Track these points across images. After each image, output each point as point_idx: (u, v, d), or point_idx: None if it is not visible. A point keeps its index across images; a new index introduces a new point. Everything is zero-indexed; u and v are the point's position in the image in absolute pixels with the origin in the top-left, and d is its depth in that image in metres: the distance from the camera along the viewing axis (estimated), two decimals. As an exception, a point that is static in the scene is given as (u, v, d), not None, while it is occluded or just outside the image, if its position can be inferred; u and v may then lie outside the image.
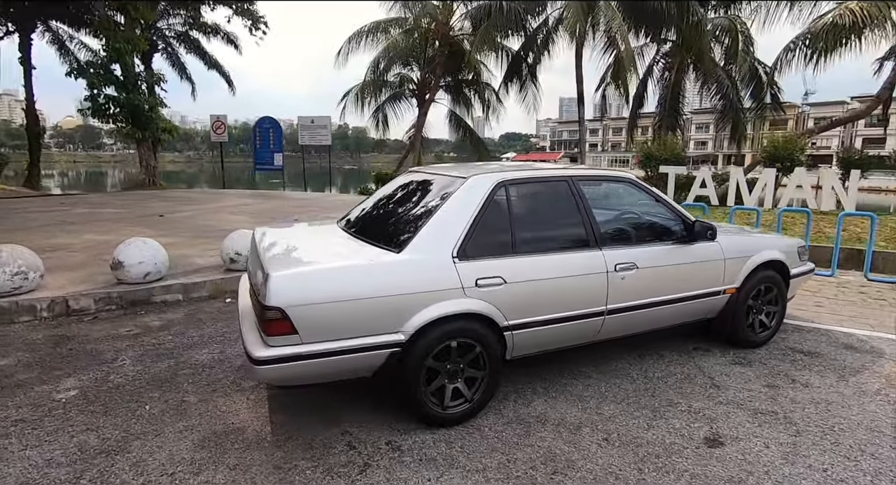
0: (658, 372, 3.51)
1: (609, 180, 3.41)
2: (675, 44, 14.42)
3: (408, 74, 18.37)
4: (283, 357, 2.35)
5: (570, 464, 2.48)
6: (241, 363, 3.52)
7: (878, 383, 3.36)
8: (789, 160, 9.41)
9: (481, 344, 2.74)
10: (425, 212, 2.85)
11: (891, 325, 4.51)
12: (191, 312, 4.73)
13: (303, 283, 2.42)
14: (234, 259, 5.42)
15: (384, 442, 2.65)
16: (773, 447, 2.63)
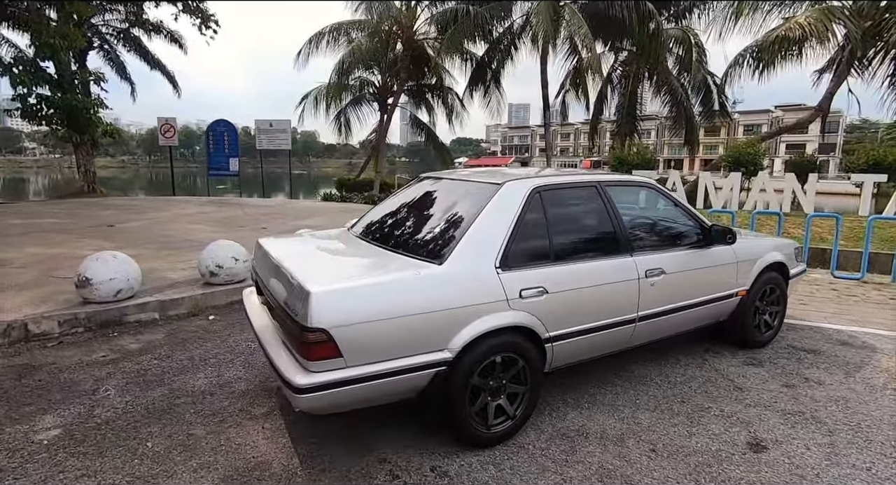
0: (679, 377, 3.51)
1: (631, 185, 3.38)
2: (632, 53, 15.00)
3: (368, 78, 18.07)
4: (328, 384, 2.13)
5: (626, 480, 2.39)
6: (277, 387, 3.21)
7: (881, 377, 3.52)
8: (752, 164, 9.98)
9: (524, 358, 2.62)
10: (461, 220, 2.69)
11: (871, 320, 4.77)
12: (171, 332, 4.32)
13: (347, 300, 2.20)
14: (215, 272, 5.02)
15: (428, 468, 2.47)
16: (814, 449, 2.66)
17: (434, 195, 3.15)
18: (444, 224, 2.76)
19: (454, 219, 2.75)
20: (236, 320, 4.60)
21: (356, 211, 12.80)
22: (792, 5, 10.78)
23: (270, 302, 2.72)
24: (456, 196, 2.98)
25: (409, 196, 3.32)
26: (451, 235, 2.61)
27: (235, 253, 5.13)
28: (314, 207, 13.66)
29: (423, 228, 2.87)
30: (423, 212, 3.06)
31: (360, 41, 13.53)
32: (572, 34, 12.18)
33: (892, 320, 4.80)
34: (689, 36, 13.35)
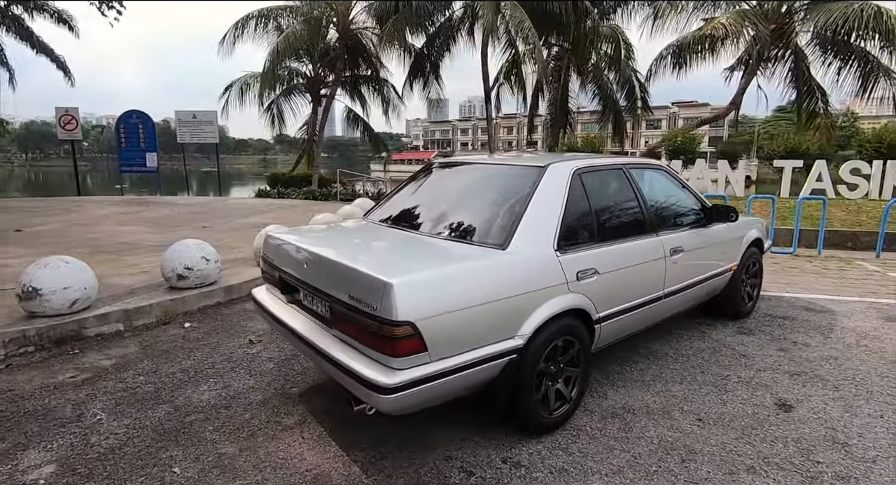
0: (688, 350, 3.70)
1: (646, 168, 3.49)
2: (563, 48, 15.60)
3: (299, 68, 17.16)
4: (415, 381, 1.96)
5: (689, 450, 2.47)
6: (346, 397, 2.92)
7: (851, 336, 3.95)
8: (690, 153, 10.82)
9: (579, 340, 2.61)
10: (511, 204, 2.61)
11: (818, 288, 5.36)
12: (145, 344, 3.81)
13: (429, 290, 2.04)
14: (183, 275, 4.50)
15: (499, 460, 2.38)
16: (831, 404, 2.92)
17: (465, 181, 3.03)
18: (493, 209, 2.67)
19: (502, 203, 2.67)
20: (218, 327, 4.17)
21: (303, 207, 12.16)
22: (711, 7, 11.79)
23: (310, 300, 2.48)
24: (494, 180, 2.89)
25: (434, 183, 3.17)
26: (505, 220, 2.52)
27: (206, 253, 4.64)
28: (253, 204, 12.80)
29: (468, 215, 2.74)
30: (461, 198, 2.93)
31: (296, 28, 12.75)
32: (512, 27, 12.39)
33: (833, 287, 5.42)
34: (617, 34, 14.16)
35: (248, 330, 4.10)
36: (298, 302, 2.66)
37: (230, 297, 4.85)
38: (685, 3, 11.53)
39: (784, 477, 2.26)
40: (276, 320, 2.67)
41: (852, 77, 11.72)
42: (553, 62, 16.23)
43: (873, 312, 4.53)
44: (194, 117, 15.25)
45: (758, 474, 2.28)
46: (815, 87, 12.48)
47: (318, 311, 2.45)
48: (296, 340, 2.51)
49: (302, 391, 3.07)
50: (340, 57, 15.03)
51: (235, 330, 4.10)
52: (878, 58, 11.17)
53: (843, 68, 11.65)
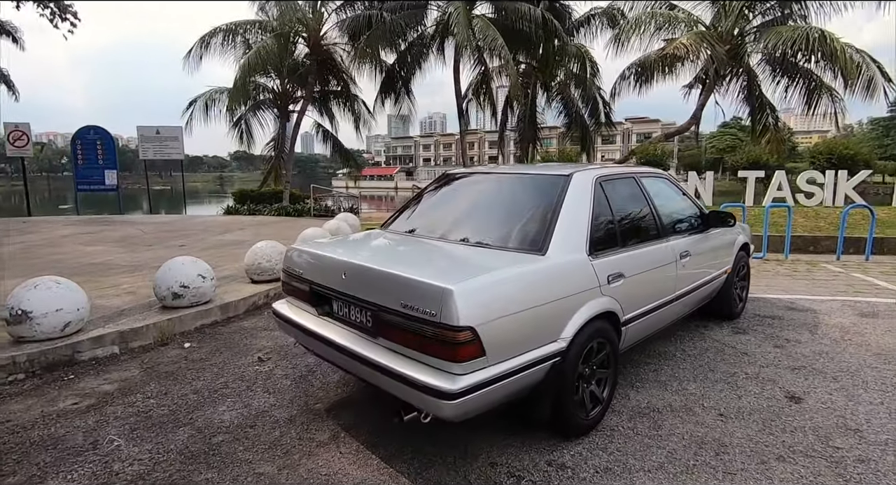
0: (693, 350, 3.86)
1: (652, 176, 3.65)
2: (531, 66, 16.11)
3: (266, 84, 16.92)
4: (477, 385, 1.98)
5: (720, 444, 2.57)
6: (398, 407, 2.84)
7: (836, 332, 4.23)
8: (659, 165, 11.33)
9: (609, 342, 2.69)
10: (541, 211, 2.69)
11: (795, 289, 5.70)
12: (146, 366, 3.63)
13: (485, 295, 2.07)
14: (179, 294, 4.33)
15: (544, 463, 2.41)
16: (836, 394, 3.11)
17: (489, 190, 3.10)
18: (525, 216, 2.74)
19: (533, 211, 2.74)
20: (220, 346, 4.03)
21: (280, 224, 11.91)
22: (672, 28, 12.51)
23: (346, 312, 2.46)
24: (520, 189, 2.97)
25: (455, 193, 3.22)
26: (539, 227, 2.60)
27: (202, 270, 4.49)
28: (224, 222, 12.41)
29: (500, 223, 2.80)
30: (489, 207, 2.99)
31: (266, 43, 12.61)
32: (484, 45, 12.71)
33: (807, 287, 5.79)
34: (583, 53, 14.77)
35: (252, 348, 3.98)
36: (331, 314, 2.62)
37: (227, 315, 4.69)
38: (648, 23, 12.17)
39: (811, 463, 2.40)
40: (309, 334, 2.62)
41: (798, 94, 12.66)
42: (522, 79, 16.69)
43: (848, 310, 4.86)
44: (157, 133, 14.73)
45: (787, 462, 2.41)
46: (766, 103, 13.38)
47: (357, 321, 2.43)
48: (333, 353, 2.48)
49: (327, 407, 3.00)
50: (311, 72, 14.94)
51: (240, 349, 3.97)
52: (821, 77, 12.12)
53: (790, 86, 12.57)
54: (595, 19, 15.75)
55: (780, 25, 11.60)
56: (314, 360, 3.69)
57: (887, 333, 4.18)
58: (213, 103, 16.46)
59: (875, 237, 7.50)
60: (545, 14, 12.79)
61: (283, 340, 4.12)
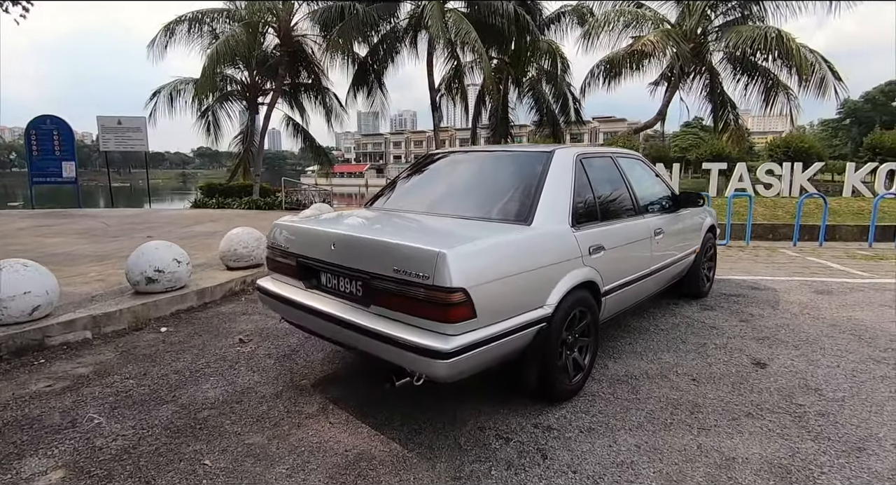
0: (665, 324, 4.03)
1: (628, 157, 3.78)
2: (503, 61, 16.29)
3: (234, 76, 16.51)
4: (468, 345, 2.04)
5: (694, 404, 2.72)
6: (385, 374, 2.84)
7: (795, 308, 4.49)
8: None
9: (591, 312, 2.79)
10: (525, 185, 2.77)
11: (756, 271, 6.01)
12: (122, 350, 3.54)
13: (477, 259, 2.13)
14: (153, 279, 4.22)
15: (531, 426, 2.49)
16: (796, 360, 3.32)
17: (474, 167, 3.16)
18: (510, 190, 2.81)
19: (517, 185, 2.82)
20: (199, 330, 3.96)
21: (252, 216, 11.70)
22: (639, 26, 12.90)
23: (335, 283, 2.48)
24: (504, 165, 3.04)
25: (440, 171, 3.26)
26: (524, 199, 2.67)
27: (177, 255, 4.39)
28: (192, 215, 12.07)
29: (486, 197, 2.87)
30: (474, 182, 3.05)
31: (236, 31, 12.29)
32: (457, 38, 12.78)
33: (768, 270, 6.10)
34: (554, 49, 15.03)
35: (232, 331, 3.92)
36: (319, 287, 2.63)
37: (204, 301, 4.60)
38: (616, 20, 12.50)
39: (777, 418, 2.56)
40: (298, 307, 2.62)
41: (757, 92, 13.26)
42: (494, 74, 16.84)
43: (805, 288, 5.16)
44: (119, 123, 14.16)
45: (756, 418, 2.57)
46: (727, 101, 13.96)
47: (347, 291, 2.45)
48: (323, 324, 2.49)
49: (314, 383, 3.01)
50: (282, 64, 14.67)
51: (219, 332, 3.91)
52: (778, 76, 12.73)
53: (749, 84, 13.15)
54: (565, 17, 16.08)
55: (741, 25, 12.12)
56: (297, 340, 3.68)
57: (841, 308, 4.47)
58: (179, 94, 15.97)
59: (828, 225, 7.96)
60: (517, 9, 12.96)
61: (265, 323, 4.08)
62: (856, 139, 61.43)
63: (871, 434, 2.41)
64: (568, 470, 2.14)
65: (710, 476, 2.09)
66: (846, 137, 62.63)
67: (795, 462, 2.18)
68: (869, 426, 2.48)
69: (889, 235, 7.92)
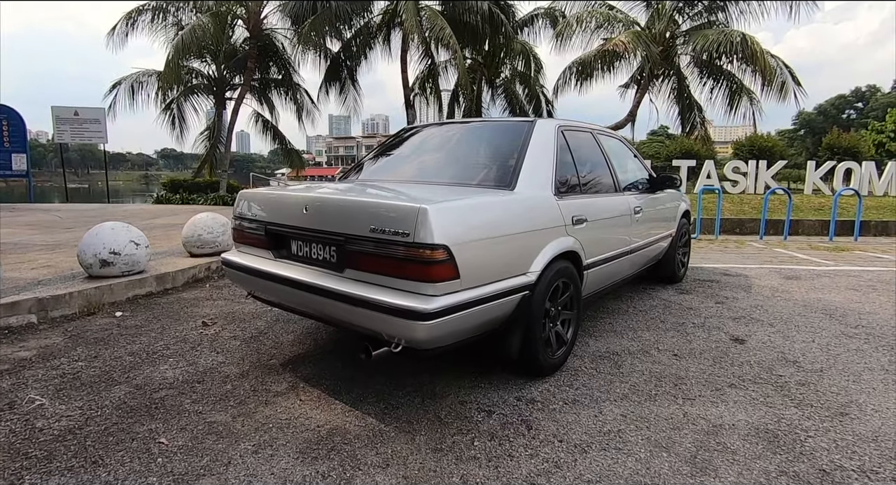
0: (643, 306, 4.01)
1: (609, 136, 3.74)
2: (477, 61, 16.33)
3: (200, 69, 15.98)
4: (451, 307, 1.92)
5: (677, 377, 2.67)
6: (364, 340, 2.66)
7: (766, 291, 4.55)
8: None
9: (573, 284, 2.72)
10: (507, 153, 2.68)
11: (726, 260, 6.11)
12: (72, 334, 3.26)
13: (459, 217, 2.02)
14: (109, 261, 3.94)
15: (514, 399, 2.39)
16: (773, 336, 3.33)
17: (453, 137, 3.05)
18: (492, 158, 2.72)
19: (500, 153, 2.73)
20: (158, 314, 3.70)
21: (219, 211, 11.20)
22: (610, 27, 13.15)
23: (307, 250, 2.32)
24: (485, 135, 2.95)
25: (420, 142, 3.15)
26: (506, 166, 2.59)
27: (134, 236, 4.11)
28: (155, 209, 11.54)
29: (468, 164, 2.76)
30: (456, 151, 2.94)
31: (203, 21, 11.87)
32: (432, 35, 12.72)
33: (738, 259, 6.22)
34: (527, 49, 15.15)
35: (195, 316, 3.68)
36: (289, 256, 2.47)
37: (164, 286, 4.33)
38: (588, 21, 12.70)
39: (760, 388, 2.54)
40: (266, 277, 2.45)
41: (722, 96, 13.67)
42: (468, 73, 16.87)
43: (775, 275, 5.26)
44: (76, 114, 13.44)
45: (739, 388, 2.53)
46: (694, 103, 14.34)
47: (320, 258, 2.30)
48: (294, 293, 2.33)
49: (282, 362, 2.83)
50: (251, 57, 14.28)
51: (181, 316, 3.67)
52: (742, 80, 13.16)
53: (715, 88, 13.55)
54: (538, 19, 16.23)
55: (707, 29, 12.49)
56: (265, 323, 3.49)
57: (811, 291, 4.56)
58: (141, 87, 15.33)
59: (791, 220, 8.21)
60: (492, 8, 13.00)
61: (230, 308, 3.86)
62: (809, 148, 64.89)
63: (852, 400, 2.40)
64: (554, 439, 2.04)
65: (698, 442, 2.03)
66: (801, 147, 65.95)
67: (781, 427, 2.15)
68: (849, 393, 2.48)
69: (848, 230, 8.22)
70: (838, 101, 66.22)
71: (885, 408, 2.33)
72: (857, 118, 63.96)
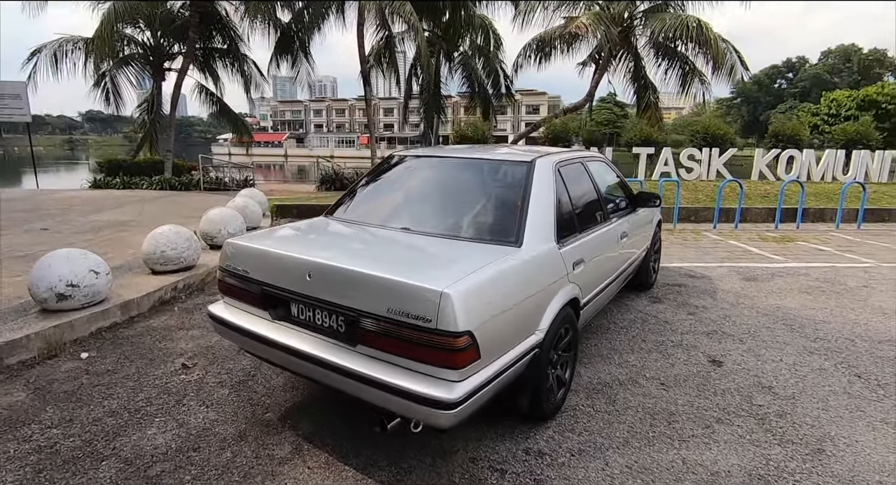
0: (623, 322, 4.16)
1: (595, 160, 3.74)
2: (435, 34, 15.77)
3: (135, 36, 14.52)
4: (475, 390, 1.90)
5: (669, 413, 2.81)
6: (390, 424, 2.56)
7: (731, 297, 4.83)
8: (567, 140, 11.92)
9: (573, 327, 2.76)
10: (508, 200, 2.63)
11: (687, 257, 6.41)
12: (35, 386, 3.00)
13: (479, 296, 1.96)
14: (67, 295, 3.61)
15: (522, 452, 2.44)
16: (745, 355, 3.55)
17: (446, 176, 2.95)
18: (493, 205, 2.65)
19: (500, 199, 2.67)
20: (128, 353, 3.47)
21: (166, 200, 10.50)
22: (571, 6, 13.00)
23: (310, 316, 2.21)
24: (481, 175, 2.86)
25: (412, 178, 3.01)
26: (511, 217, 2.53)
27: (93, 264, 3.78)
28: (94, 198, 10.63)
29: (468, 212, 2.67)
30: (453, 194, 2.84)
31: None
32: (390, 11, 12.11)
33: (696, 255, 6.55)
34: (487, 24, 14.76)
35: (171, 353, 3.48)
36: (289, 319, 2.35)
37: (129, 315, 4.04)
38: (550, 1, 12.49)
39: (744, 422, 2.72)
40: (265, 342, 2.32)
41: (676, 77, 13.99)
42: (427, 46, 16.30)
43: (734, 275, 5.59)
44: (-9, 89, 11.97)
45: (726, 424, 2.70)
46: (649, 83, 14.62)
47: (326, 326, 2.20)
48: (298, 363, 2.22)
49: (280, 416, 2.73)
50: (191, 25, 13.11)
51: (155, 355, 3.45)
52: (694, 62, 13.49)
53: (669, 69, 13.83)
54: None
55: (663, 12, 12.61)
56: (250, 363, 3.34)
57: (768, 295, 4.88)
58: (65, 55, 13.81)
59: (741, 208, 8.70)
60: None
61: (208, 340, 3.67)
62: (745, 117, 68.51)
63: (826, 434, 2.62)
64: (570, 503, 2.11)
65: (701, 496, 2.16)
66: (737, 115, 69.48)
67: (770, 471, 2.32)
68: (821, 424, 2.70)
69: (791, 216, 8.81)
70: (771, 71, 69.68)
71: (855, 441, 2.56)
72: (787, 88, 67.78)
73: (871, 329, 4.05)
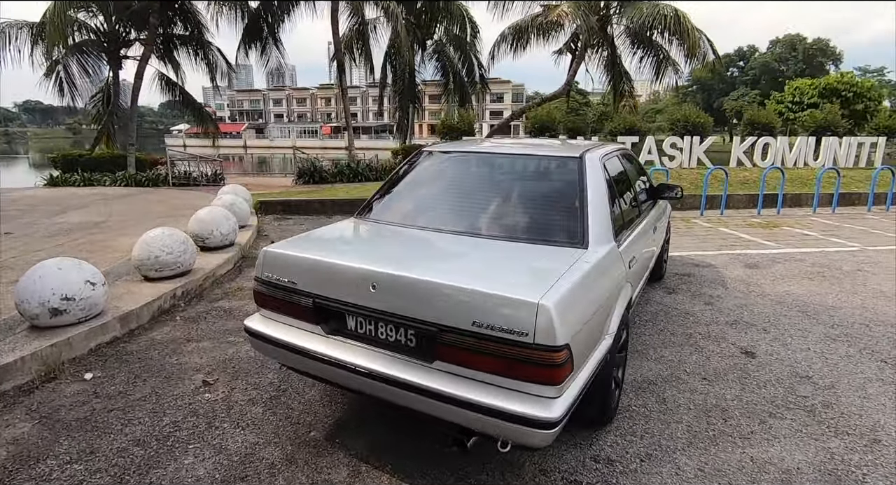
0: (645, 314, 4.13)
1: (625, 153, 3.63)
2: (410, 22, 15.39)
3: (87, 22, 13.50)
4: (571, 405, 1.78)
5: (722, 409, 2.77)
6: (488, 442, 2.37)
7: (740, 286, 4.90)
8: (552, 130, 11.87)
9: (627, 327, 2.69)
10: (567, 198, 2.50)
11: (689, 246, 6.50)
12: (41, 414, 2.70)
13: (571, 306, 1.83)
14: (62, 309, 3.27)
15: (590, 460, 2.35)
16: (774, 344, 3.59)
17: (494, 174, 2.79)
18: (549, 204, 2.53)
19: (556, 197, 2.55)
20: (138, 370, 3.19)
21: (136, 198, 9.86)
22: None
23: (372, 329, 2.04)
24: (531, 173, 2.73)
25: (456, 176, 2.85)
26: (571, 216, 2.41)
27: (89, 275, 3.44)
28: (55, 197, 9.87)
29: (523, 212, 2.53)
30: (502, 193, 2.68)
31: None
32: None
33: (695, 243, 6.65)
34: (462, 11, 14.50)
35: (185, 368, 3.22)
36: (344, 332, 2.16)
37: (129, 327, 3.72)
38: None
39: (795, 415, 2.73)
40: (318, 359, 2.12)
41: (650, 66, 14.19)
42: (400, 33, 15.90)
43: (737, 263, 5.69)
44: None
45: (779, 418, 2.70)
46: (624, 72, 14.79)
47: (392, 341, 2.03)
48: (360, 381, 2.04)
49: (326, 435, 2.55)
50: (151, 10, 12.28)
51: (168, 372, 3.18)
52: (668, 52, 13.71)
53: (644, 58, 14.01)
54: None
55: (640, 1, 12.71)
56: (276, 374, 3.12)
57: (775, 282, 4.98)
58: (8, 42, 12.71)
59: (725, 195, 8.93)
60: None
61: (223, 352, 3.42)
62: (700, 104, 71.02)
63: (876, 423, 2.65)
64: (657, 514, 2.04)
65: (782, 496, 2.13)
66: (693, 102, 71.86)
67: (838, 466, 2.32)
68: (868, 413, 2.74)
69: (771, 202, 9.10)
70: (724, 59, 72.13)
71: (905, 429, 2.60)
72: (738, 76, 70.33)
73: (880, 313, 4.19)
